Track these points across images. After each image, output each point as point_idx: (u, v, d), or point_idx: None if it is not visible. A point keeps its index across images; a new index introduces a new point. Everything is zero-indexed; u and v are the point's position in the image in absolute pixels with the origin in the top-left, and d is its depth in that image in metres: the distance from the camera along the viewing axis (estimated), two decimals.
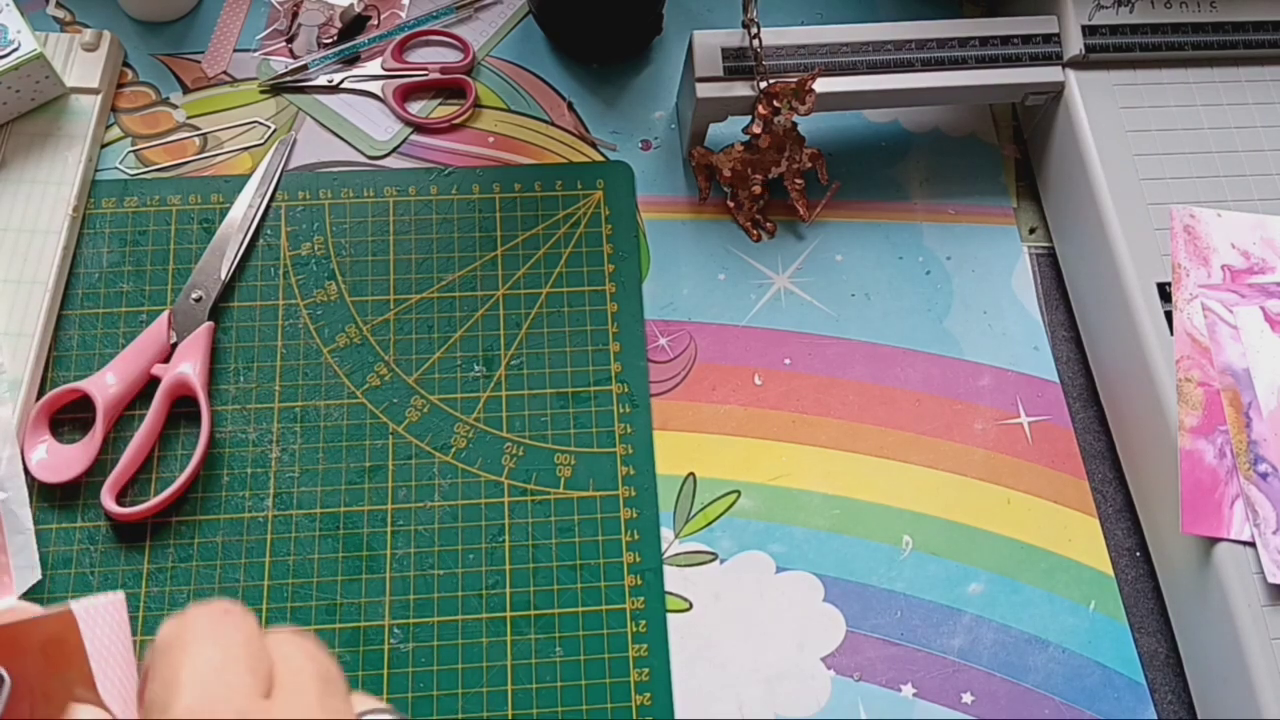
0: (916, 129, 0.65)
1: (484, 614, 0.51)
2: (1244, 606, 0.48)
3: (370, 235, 0.59)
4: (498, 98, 0.64)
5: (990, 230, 0.62)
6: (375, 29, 0.65)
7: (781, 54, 0.57)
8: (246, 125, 0.62)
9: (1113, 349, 0.57)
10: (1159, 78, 0.60)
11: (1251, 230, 0.56)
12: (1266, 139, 0.59)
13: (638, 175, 0.62)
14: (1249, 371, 0.53)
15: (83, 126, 0.59)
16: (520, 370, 0.56)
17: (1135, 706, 0.52)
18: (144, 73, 0.63)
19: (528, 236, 0.60)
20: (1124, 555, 0.55)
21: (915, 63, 0.58)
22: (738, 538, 0.54)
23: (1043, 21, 0.60)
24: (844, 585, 0.54)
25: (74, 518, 0.52)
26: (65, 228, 0.56)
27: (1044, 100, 0.61)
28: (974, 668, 0.52)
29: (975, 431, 0.57)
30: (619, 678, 0.51)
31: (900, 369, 0.58)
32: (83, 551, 0.51)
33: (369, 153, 0.61)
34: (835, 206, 0.62)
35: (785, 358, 0.58)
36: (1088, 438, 0.58)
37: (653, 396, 0.57)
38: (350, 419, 0.55)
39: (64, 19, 0.63)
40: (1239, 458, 0.51)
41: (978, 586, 0.54)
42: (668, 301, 0.59)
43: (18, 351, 0.53)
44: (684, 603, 0.53)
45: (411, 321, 0.57)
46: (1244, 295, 0.55)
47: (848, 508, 0.55)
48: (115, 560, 0.51)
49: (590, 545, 0.53)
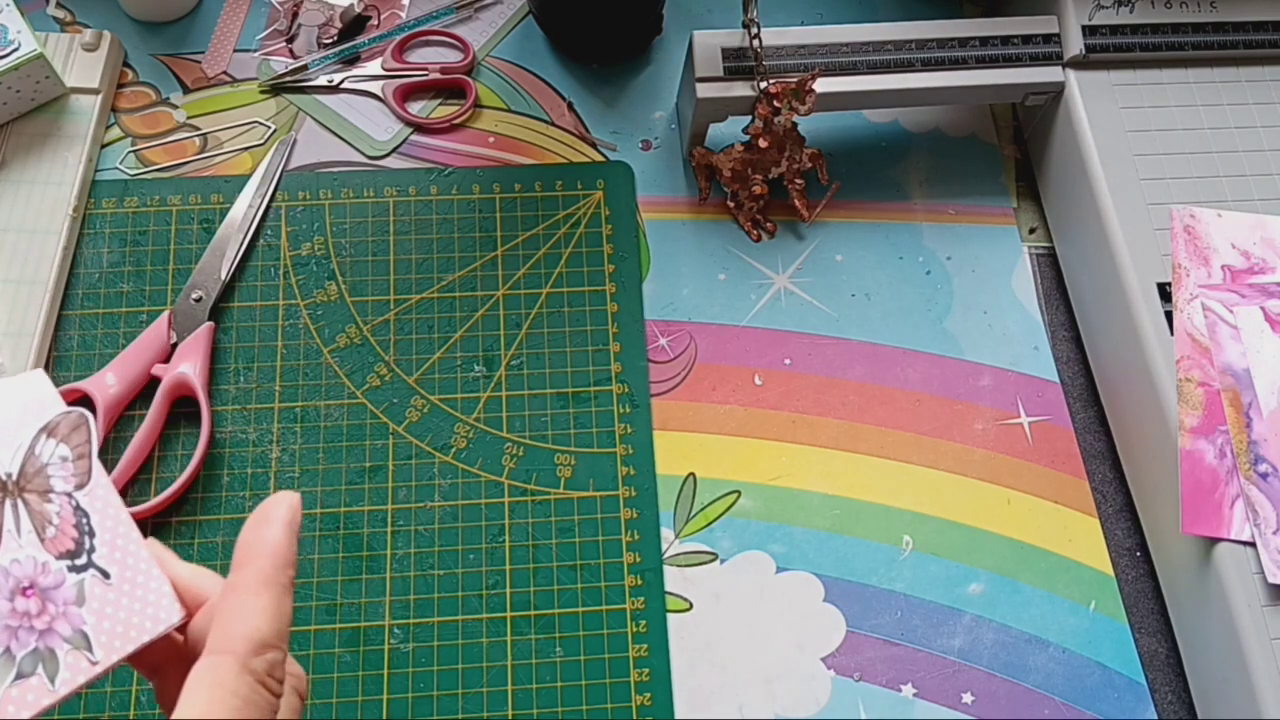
0: (916, 129, 0.65)
1: (484, 614, 0.51)
2: (1244, 606, 0.48)
3: (370, 235, 0.59)
4: (498, 98, 0.64)
5: (990, 230, 0.62)
6: (375, 29, 0.65)
7: (781, 54, 0.57)
8: (246, 125, 0.62)
9: (1113, 349, 0.57)
10: (1159, 78, 0.60)
11: (1251, 230, 0.56)
12: (1266, 139, 0.59)
13: (638, 175, 0.62)
14: (1249, 371, 0.53)
15: (83, 126, 0.59)
16: (520, 370, 0.56)
17: (1135, 706, 0.52)
18: (144, 73, 0.63)
19: (528, 236, 0.60)
20: (1124, 555, 0.55)
21: (915, 63, 0.58)
22: (738, 538, 0.54)
23: (1043, 21, 0.60)
24: (844, 585, 0.54)
25: None
26: (65, 228, 0.56)
27: (1044, 100, 0.61)
28: (974, 668, 0.52)
29: (975, 431, 0.57)
30: (619, 678, 0.51)
31: (900, 369, 0.58)
32: None
33: (369, 153, 0.61)
34: (835, 206, 0.62)
35: (785, 358, 0.58)
36: (1088, 438, 0.58)
37: (653, 396, 0.57)
38: (350, 419, 0.55)
39: (64, 19, 0.63)
40: (1239, 458, 0.51)
41: (978, 586, 0.54)
42: (668, 301, 0.59)
43: (18, 351, 0.53)
44: (684, 603, 0.53)
45: (411, 321, 0.57)
46: (1244, 295, 0.55)
47: (848, 508, 0.55)
48: None
49: (590, 545, 0.53)
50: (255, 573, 0.30)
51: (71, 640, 0.29)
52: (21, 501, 0.30)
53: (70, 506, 0.31)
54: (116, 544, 0.31)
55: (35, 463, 0.31)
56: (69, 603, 0.30)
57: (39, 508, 0.31)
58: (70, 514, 0.31)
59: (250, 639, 0.29)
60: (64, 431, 0.32)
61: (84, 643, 0.29)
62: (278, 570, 0.30)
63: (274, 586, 0.30)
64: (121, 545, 0.31)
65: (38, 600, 0.29)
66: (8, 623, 0.29)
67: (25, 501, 0.31)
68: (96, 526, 0.31)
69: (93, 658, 0.29)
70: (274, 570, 0.30)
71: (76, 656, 0.29)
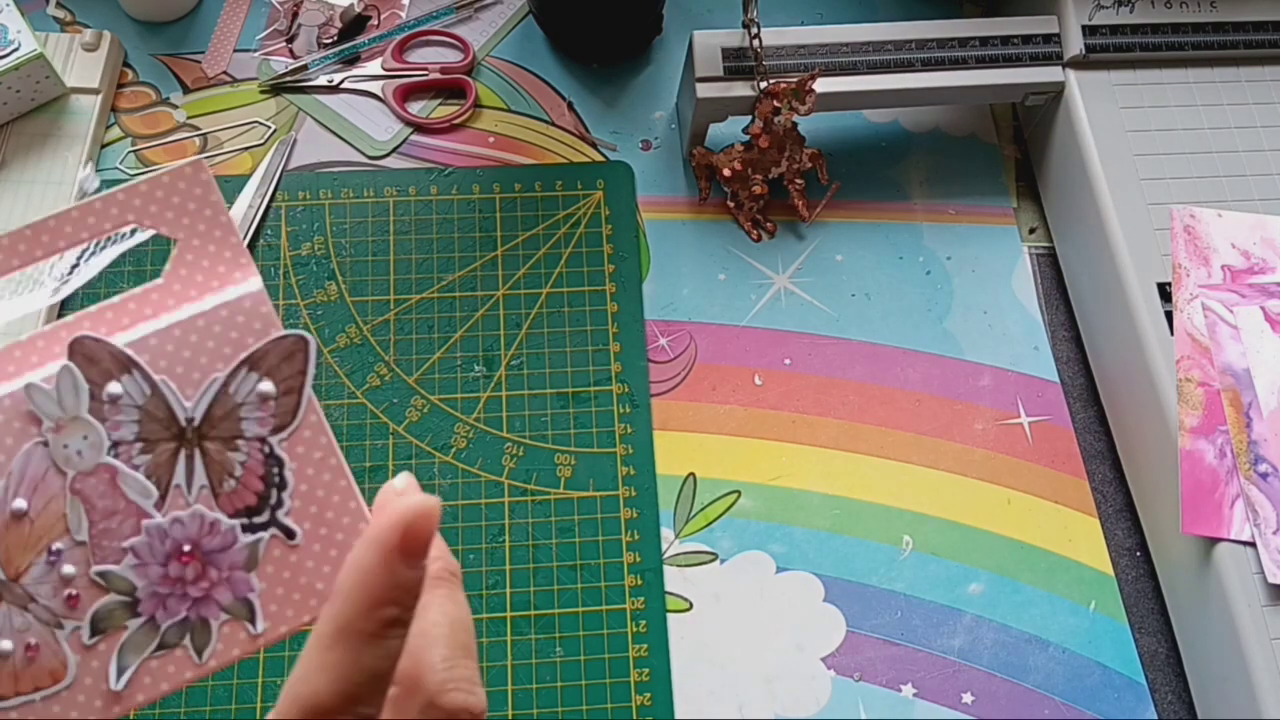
0: (916, 129, 0.65)
1: (484, 614, 0.51)
2: (1244, 606, 0.48)
3: (370, 235, 0.59)
4: (498, 98, 0.64)
5: (990, 230, 0.62)
6: (375, 29, 0.65)
7: (781, 54, 0.57)
8: (246, 125, 0.62)
9: (1113, 349, 0.57)
10: (1159, 78, 0.60)
11: (1251, 230, 0.56)
12: (1266, 139, 0.59)
13: (638, 175, 0.62)
14: (1249, 371, 0.53)
15: (83, 126, 0.59)
16: (520, 370, 0.56)
17: (1135, 706, 0.52)
18: (144, 73, 0.63)
19: (528, 236, 0.60)
20: (1124, 555, 0.55)
21: (915, 63, 0.58)
22: (738, 538, 0.54)
23: (1043, 21, 0.60)
24: (844, 585, 0.54)
25: None
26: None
27: (1044, 100, 0.61)
28: (974, 668, 0.52)
29: (975, 431, 0.57)
30: (619, 678, 0.51)
31: (900, 369, 0.58)
32: None
33: (369, 153, 0.61)
34: (835, 206, 0.62)
35: (785, 358, 0.58)
36: (1088, 438, 0.58)
37: (653, 396, 0.57)
38: (350, 419, 0.55)
39: (64, 19, 0.63)
40: (1239, 458, 0.51)
41: (978, 586, 0.54)
42: (668, 301, 0.59)
43: None
44: (684, 603, 0.53)
45: (411, 321, 0.57)
46: (1244, 295, 0.55)
47: (848, 508, 0.55)
48: None
49: (590, 545, 0.53)
50: (330, 617, 0.23)
51: (231, 609, 0.26)
52: (200, 451, 0.26)
53: (261, 454, 0.26)
54: (316, 495, 0.26)
55: (226, 403, 0.26)
56: (235, 567, 0.26)
57: (220, 457, 0.26)
58: (258, 463, 0.26)
59: (303, 704, 0.23)
60: (272, 362, 0.26)
61: (246, 612, 0.26)
62: (362, 615, 0.23)
63: (350, 637, 0.23)
64: (323, 497, 0.26)
65: (196, 565, 0.26)
66: (157, 589, 0.25)
67: (205, 451, 0.26)
68: (291, 477, 0.26)
69: (254, 630, 0.26)
70: (356, 614, 0.23)
71: (234, 628, 0.26)
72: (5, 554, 0.25)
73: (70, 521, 0.25)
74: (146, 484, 0.26)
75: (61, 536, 0.25)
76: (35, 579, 0.25)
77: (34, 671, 0.25)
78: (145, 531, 0.26)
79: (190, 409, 0.26)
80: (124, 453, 0.26)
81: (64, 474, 0.25)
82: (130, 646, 0.25)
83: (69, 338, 0.26)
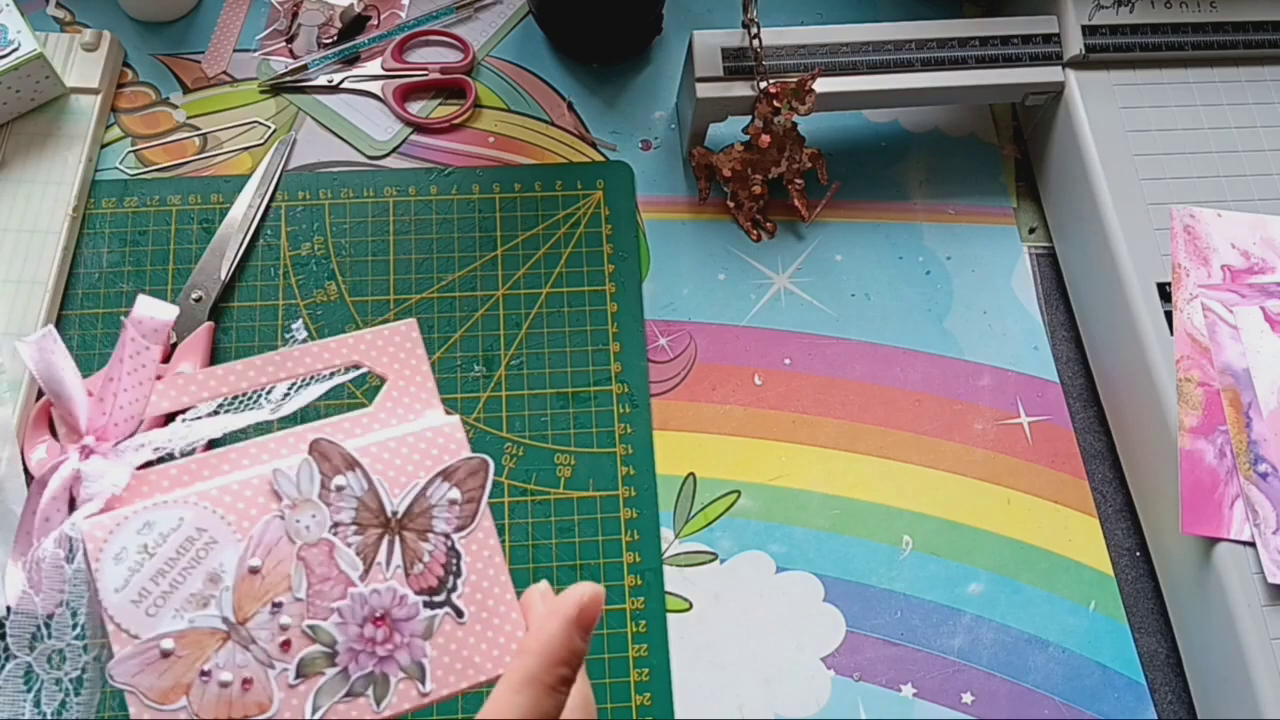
0: (916, 129, 0.65)
1: None
2: (1244, 606, 0.48)
3: (370, 235, 0.59)
4: (498, 98, 0.64)
5: (990, 230, 0.62)
6: (375, 29, 0.65)
7: (781, 54, 0.57)
8: (246, 125, 0.62)
9: (1113, 349, 0.57)
10: (1159, 78, 0.60)
11: (1251, 230, 0.56)
12: (1266, 139, 0.59)
13: (638, 175, 0.62)
14: (1249, 371, 0.53)
15: (83, 126, 0.59)
16: (520, 370, 0.56)
17: (1135, 706, 0.52)
18: (144, 73, 0.63)
19: (528, 236, 0.60)
20: (1124, 555, 0.55)
21: (915, 63, 0.58)
22: (738, 538, 0.54)
23: (1043, 21, 0.60)
24: (844, 585, 0.54)
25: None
26: (65, 228, 0.56)
27: (1044, 100, 0.61)
28: (974, 668, 0.52)
29: (975, 431, 0.57)
30: (619, 678, 0.51)
31: (900, 369, 0.58)
32: None
33: (369, 153, 0.61)
34: (835, 206, 0.62)
35: (785, 358, 0.58)
36: (1088, 438, 0.58)
37: (653, 396, 0.57)
38: None
39: (64, 19, 0.63)
40: (1239, 458, 0.51)
41: (978, 586, 0.54)
42: (668, 301, 0.59)
43: (18, 352, 0.53)
44: (684, 603, 0.53)
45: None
46: (1244, 295, 0.55)
47: (848, 508, 0.55)
48: None
49: (590, 545, 0.53)
50: (520, 668, 0.30)
51: (408, 669, 0.31)
52: (399, 538, 0.32)
53: (445, 547, 0.33)
54: (481, 586, 0.33)
55: (423, 503, 0.33)
56: (416, 635, 0.32)
57: (414, 545, 0.32)
58: (443, 553, 0.33)
59: None
60: (460, 476, 0.33)
61: (419, 673, 0.31)
62: (545, 669, 0.30)
63: (535, 686, 0.30)
64: (486, 588, 0.33)
65: (386, 629, 0.32)
66: (353, 645, 0.31)
67: (403, 539, 0.32)
68: (465, 568, 0.33)
69: (424, 689, 0.31)
70: (541, 668, 0.30)
71: (408, 685, 0.31)
72: (238, 601, 0.31)
73: (294, 581, 0.31)
74: (356, 559, 0.32)
75: (284, 593, 0.31)
76: (258, 624, 0.31)
77: (245, 702, 0.30)
78: (350, 597, 0.31)
79: (396, 504, 0.33)
80: (341, 532, 0.32)
81: (293, 543, 0.32)
82: (325, 690, 0.31)
83: (309, 438, 0.33)
